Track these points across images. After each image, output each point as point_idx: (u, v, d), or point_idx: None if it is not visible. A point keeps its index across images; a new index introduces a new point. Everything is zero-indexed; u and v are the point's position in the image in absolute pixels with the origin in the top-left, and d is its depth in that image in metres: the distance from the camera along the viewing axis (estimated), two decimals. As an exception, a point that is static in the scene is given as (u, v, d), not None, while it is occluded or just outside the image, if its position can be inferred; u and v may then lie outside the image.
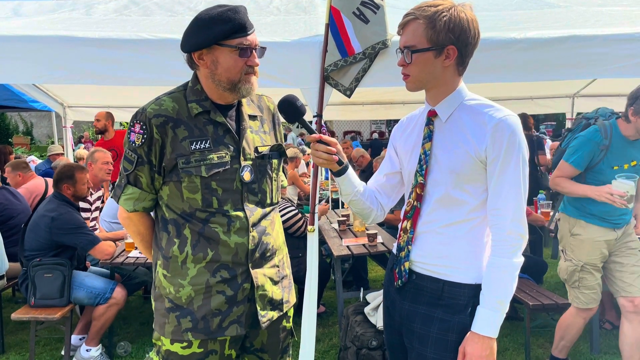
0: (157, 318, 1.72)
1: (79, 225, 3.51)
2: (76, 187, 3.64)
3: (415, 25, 1.54)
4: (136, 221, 1.74)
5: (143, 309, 4.65)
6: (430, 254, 1.60)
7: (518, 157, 1.49)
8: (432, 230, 1.60)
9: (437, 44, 1.52)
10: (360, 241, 3.96)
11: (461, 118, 1.57)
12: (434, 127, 1.62)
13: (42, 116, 20.43)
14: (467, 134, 1.54)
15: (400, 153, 1.75)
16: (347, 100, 3.56)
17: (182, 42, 1.67)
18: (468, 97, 1.60)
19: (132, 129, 1.63)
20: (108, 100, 6.55)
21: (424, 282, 1.61)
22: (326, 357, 3.65)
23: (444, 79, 1.57)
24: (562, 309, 3.44)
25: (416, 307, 1.61)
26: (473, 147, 1.52)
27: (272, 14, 3.93)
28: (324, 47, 3.00)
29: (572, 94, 7.00)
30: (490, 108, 1.54)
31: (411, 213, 1.64)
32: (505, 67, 3.00)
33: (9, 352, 3.86)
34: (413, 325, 1.62)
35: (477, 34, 1.56)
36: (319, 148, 1.62)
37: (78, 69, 3.06)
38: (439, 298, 1.58)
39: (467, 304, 1.55)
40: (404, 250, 1.65)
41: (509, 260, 1.50)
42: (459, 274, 1.56)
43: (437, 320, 1.57)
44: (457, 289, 1.56)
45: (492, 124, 1.50)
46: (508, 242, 1.50)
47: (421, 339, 1.59)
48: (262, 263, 1.74)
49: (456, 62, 1.56)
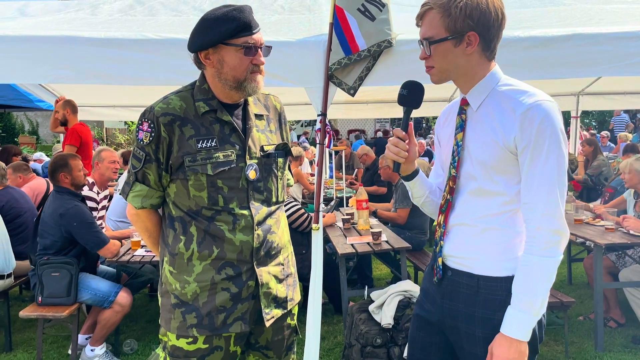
0: (163, 314, 1.74)
1: (88, 221, 3.50)
2: (72, 174, 3.61)
3: (431, 15, 1.48)
4: (144, 218, 1.76)
5: (149, 307, 4.68)
6: (461, 247, 1.55)
7: (551, 146, 1.38)
8: (464, 224, 1.55)
9: (456, 32, 1.45)
10: (364, 239, 3.97)
11: (492, 106, 1.49)
12: (466, 116, 1.55)
13: (47, 116, 20.46)
14: (496, 122, 1.46)
15: (442, 142, 1.68)
16: (351, 98, 3.56)
17: (189, 42, 1.69)
18: (501, 82, 1.51)
19: (140, 127, 1.65)
20: (113, 100, 6.59)
21: (460, 279, 1.56)
22: (331, 355, 3.67)
23: (470, 67, 1.50)
24: (566, 306, 3.44)
25: (456, 305, 1.56)
26: (501, 137, 1.44)
27: (276, 12, 3.95)
28: (328, 46, 3.02)
29: (577, 92, 6.99)
30: (523, 94, 1.44)
31: (445, 207, 1.60)
32: (510, 66, 2.99)
33: (16, 349, 3.90)
34: (458, 324, 1.56)
35: (501, 15, 1.47)
36: (396, 144, 1.56)
37: (84, 69, 3.09)
38: (476, 294, 1.52)
39: (505, 298, 1.48)
40: (439, 245, 1.61)
41: (539, 258, 1.41)
42: (492, 267, 1.50)
43: (478, 319, 1.52)
44: (493, 283, 1.50)
45: (521, 111, 1.40)
46: (538, 239, 1.42)
47: (469, 339, 1.54)
48: (267, 261, 1.75)
49: (481, 48, 1.48)
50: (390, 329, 3.14)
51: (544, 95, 1.43)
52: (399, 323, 3.14)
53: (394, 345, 3.11)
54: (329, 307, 4.43)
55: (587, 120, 19.02)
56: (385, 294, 3.34)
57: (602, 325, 3.65)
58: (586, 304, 4.50)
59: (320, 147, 3.10)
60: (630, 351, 3.60)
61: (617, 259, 4.08)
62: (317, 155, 3.14)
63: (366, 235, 4.09)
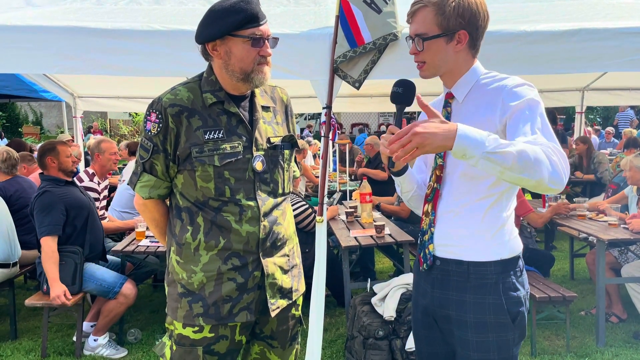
0: (170, 303, 1.76)
1: (45, 206, 3.43)
2: (59, 159, 3.60)
3: (424, 13, 1.54)
4: (151, 208, 1.78)
5: (153, 297, 4.71)
6: (451, 234, 1.59)
7: (537, 112, 1.44)
8: (452, 211, 1.59)
9: (448, 29, 1.52)
10: (367, 232, 3.99)
11: (477, 96, 1.57)
12: (451, 108, 1.62)
13: (51, 106, 20.54)
14: (484, 110, 1.53)
15: None
16: (355, 92, 3.57)
17: (196, 34, 1.69)
18: (483, 74, 1.60)
19: (148, 118, 1.66)
20: (118, 91, 6.59)
21: (449, 267, 1.59)
22: (333, 347, 3.69)
23: (457, 63, 1.58)
24: (568, 301, 3.46)
25: (447, 294, 1.60)
26: (489, 119, 1.50)
27: (282, 4, 3.94)
28: (333, 39, 3.01)
29: (582, 87, 6.96)
30: (505, 79, 1.53)
31: (432, 196, 1.64)
32: (515, 60, 3.00)
33: (21, 337, 3.93)
34: (448, 312, 1.60)
35: (487, 16, 1.56)
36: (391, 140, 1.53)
37: (90, 60, 3.09)
38: (467, 280, 1.56)
39: (496, 282, 1.54)
40: (427, 234, 1.64)
41: (538, 147, 1.31)
42: (482, 252, 1.55)
43: (469, 305, 1.56)
44: (483, 267, 1.55)
45: (506, 90, 1.48)
46: (545, 146, 1.33)
47: (459, 325, 1.58)
48: (273, 252, 1.77)
49: (468, 46, 1.56)
50: (392, 321, 3.16)
51: (524, 80, 1.51)
52: (401, 316, 3.16)
53: (395, 337, 3.13)
54: (332, 300, 4.45)
55: (591, 116, 18.95)
56: (388, 287, 3.36)
57: (603, 321, 3.66)
58: (588, 299, 4.51)
59: (325, 139, 3.11)
60: (631, 346, 3.61)
61: (619, 254, 4.09)
62: (322, 148, 3.15)
63: (369, 228, 4.10)
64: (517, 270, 1.59)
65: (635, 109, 15.80)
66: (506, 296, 1.55)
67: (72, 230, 3.52)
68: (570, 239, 5.11)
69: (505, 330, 1.55)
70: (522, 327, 1.59)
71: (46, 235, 3.39)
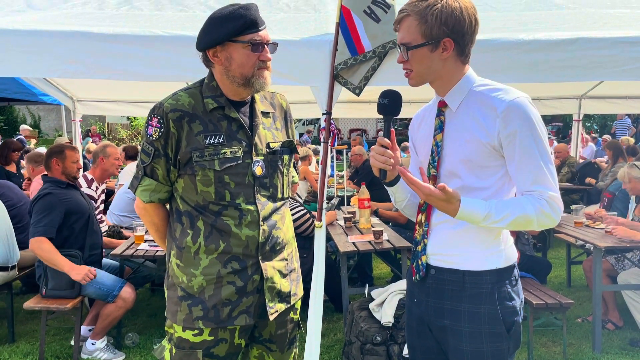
0: (170, 306, 1.77)
1: (43, 208, 3.42)
2: (65, 163, 3.61)
3: (408, 22, 1.53)
4: (151, 212, 1.80)
5: (150, 302, 4.70)
6: (446, 244, 1.59)
7: (535, 134, 1.46)
8: (447, 221, 1.57)
9: (432, 38, 1.51)
10: (366, 238, 4.00)
11: (471, 105, 1.55)
12: (445, 117, 1.60)
13: (49, 109, 20.57)
14: (478, 120, 1.51)
15: (417, 146, 1.74)
16: (353, 98, 3.58)
17: (197, 42, 1.72)
18: (477, 83, 1.58)
19: (150, 123, 1.68)
20: (117, 95, 6.61)
21: (444, 276, 1.59)
22: (331, 352, 3.70)
23: (446, 71, 1.56)
24: (565, 308, 3.47)
25: (442, 303, 1.59)
26: (484, 134, 1.50)
27: (282, 10, 3.96)
28: (334, 45, 3.04)
29: (579, 96, 7.01)
30: (499, 91, 1.51)
31: (425, 206, 1.64)
32: (513, 68, 3.02)
33: (19, 341, 3.93)
34: (444, 321, 1.59)
35: (474, 21, 1.53)
36: (382, 153, 1.56)
37: (91, 64, 3.11)
38: (462, 289, 1.55)
39: (491, 291, 1.54)
40: (421, 244, 1.64)
41: (528, 210, 1.46)
42: (478, 262, 1.55)
43: (465, 314, 1.55)
44: (479, 277, 1.54)
45: (502, 108, 1.47)
46: (536, 195, 1.47)
47: (454, 334, 1.57)
48: (272, 256, 1.78)
49: (456, 53, 1.54)
50: (390, 327, 3.17)
51: (519, 92, 1.51)
52: (399, 321, 3.17)
53: (393, 343, 3.14)
54: (329, 305, 4.45)
55: (588, 124, 19.03)
56: (386, 292, 3.37)
57: (600, 328, 3.67)
58: (585, 306, 4.52)
59: (325, 145, 3.12)
60: (627, 354, 3.62)
61: (616, 262, 4.11)
62: (322, 154, 3.17)
63: (368, 234, 4.11)
64: (512, 280, 1.59)
65: (632, 117, 15.87)
66: (502, 305, 1.55)
67: (71, 233, 3.53)
68: (567, 246, 5.13)
69: (500, 340, 1.55)
70: (517, 337, 1.59)
71: (41, 235, 3.39)
